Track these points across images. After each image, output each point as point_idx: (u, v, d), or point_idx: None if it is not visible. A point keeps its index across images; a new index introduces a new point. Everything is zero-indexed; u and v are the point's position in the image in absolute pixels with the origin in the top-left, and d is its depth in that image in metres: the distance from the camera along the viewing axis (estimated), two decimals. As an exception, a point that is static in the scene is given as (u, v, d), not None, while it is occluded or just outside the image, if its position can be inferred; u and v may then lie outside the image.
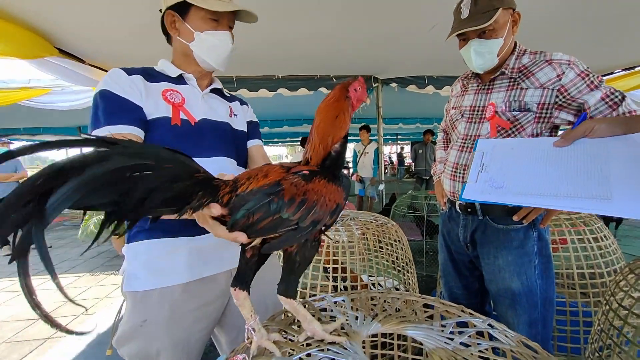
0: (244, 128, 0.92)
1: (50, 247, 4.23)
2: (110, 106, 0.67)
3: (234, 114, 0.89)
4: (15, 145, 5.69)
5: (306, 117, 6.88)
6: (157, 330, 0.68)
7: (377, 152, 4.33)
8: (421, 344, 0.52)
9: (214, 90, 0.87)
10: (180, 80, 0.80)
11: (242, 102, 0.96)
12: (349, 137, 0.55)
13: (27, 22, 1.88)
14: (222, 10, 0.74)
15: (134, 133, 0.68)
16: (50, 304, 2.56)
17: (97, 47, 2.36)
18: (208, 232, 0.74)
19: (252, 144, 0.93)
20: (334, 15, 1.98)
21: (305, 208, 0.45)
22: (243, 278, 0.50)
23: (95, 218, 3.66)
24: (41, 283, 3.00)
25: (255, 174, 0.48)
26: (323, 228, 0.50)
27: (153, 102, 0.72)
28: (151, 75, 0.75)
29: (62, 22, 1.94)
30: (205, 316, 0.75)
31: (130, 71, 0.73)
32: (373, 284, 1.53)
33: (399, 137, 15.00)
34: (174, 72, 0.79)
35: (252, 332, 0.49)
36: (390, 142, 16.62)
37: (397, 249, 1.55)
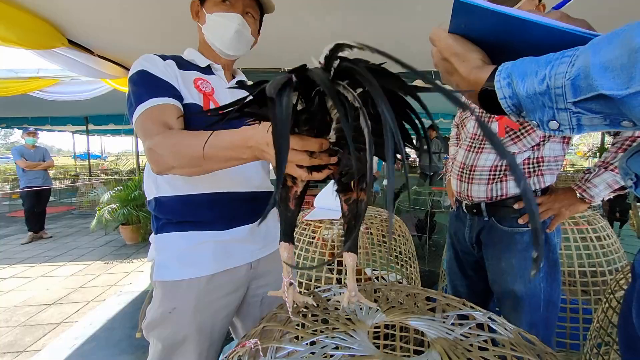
0: None
1: (51, 237, 4.31)
2: (151, 83, 0.69)
3: None
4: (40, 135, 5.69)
5: (311, 111, 6.84)
6: (184, 318, 0.72)
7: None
8: (423, 335, 0.55)
9: (238, 83, 0.89)
10: (208, 70, 0.81)
11: None
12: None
13: (37, 11, 1.90)
14: None
15: (177, 105, 0.70)
16: (60, 289, 2.64)
17: (107, 38, 2.37)
18: (232, 227, 0.78)
19: None
20: (341, 10, 1.97)
21: None
22: (289, 231, 0.53)
23: (108, 207, 3.73)
24: (52, 270, 3.09)
25: None
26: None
27: (186, 88, 0.74)
28: (181, 63, 0.77)
29: (72, 12, 1.95)
30: (226, 305, 0.78)
31: (163, 57, 0.74)
32: (376, 278, 1.56)
33: (403, 131, 14.86)
34: (202, 61, 0.80)
35: (290, 285, 0.53)
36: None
37: (401, 243, 1.57)
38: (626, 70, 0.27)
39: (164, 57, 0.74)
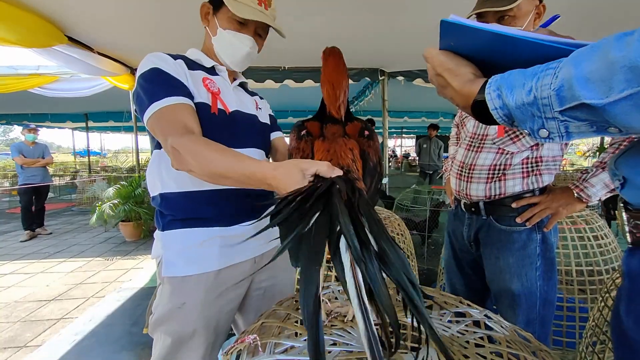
0: (268, 121, 0.96)
1: (51, 233, 4.31)
2: (165, 81, 0.70)
3: (259, 107, 0.93)
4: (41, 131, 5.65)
5: (311, 109, 6.86)
6: (193, 313, 0.73)
7: (383, 146, 4.33)
8: (420, 332, 0.55)
9: (240, 84, 0.91)
10: (212, 71, 0.83)
11: (261, 97, 1.00)
12: None
13: (37, 8, 1.89)
14: (248, 18, 0.75)
15: (192, 105, 0.71)
16: (60, 285, 2.66)
17: (107, 35, 2.37)
18: (237, 223, 0.80)
19: (275, 135, 0.98)
20: (341, 7, 1.97)
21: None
22: None
23: (110, 203, 3.73)
24: (52, 266, 3.10)
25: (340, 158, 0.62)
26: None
27: (195, 88, 0.75)
28: (188, 63, 0.78)
29: (72, 9, 1.95)
30: (232, 299, 0.80)
31: (173, 56, 0.75)
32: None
33: (403, 130, 14.89)
34: (207, 62, 0.82)
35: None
36: (394, 135, 16.53)
37: (399, 242, 1.58)
38: (605, 81, 0.29)
39: (174, 57, 0.75)
